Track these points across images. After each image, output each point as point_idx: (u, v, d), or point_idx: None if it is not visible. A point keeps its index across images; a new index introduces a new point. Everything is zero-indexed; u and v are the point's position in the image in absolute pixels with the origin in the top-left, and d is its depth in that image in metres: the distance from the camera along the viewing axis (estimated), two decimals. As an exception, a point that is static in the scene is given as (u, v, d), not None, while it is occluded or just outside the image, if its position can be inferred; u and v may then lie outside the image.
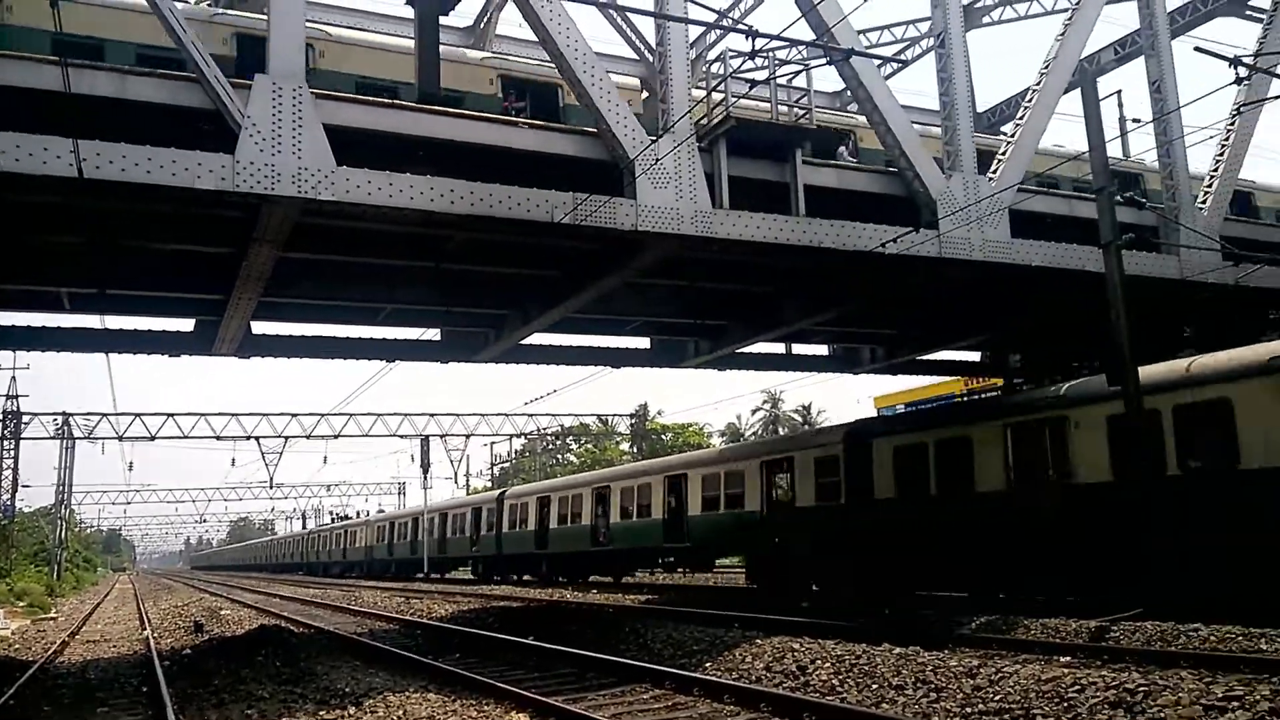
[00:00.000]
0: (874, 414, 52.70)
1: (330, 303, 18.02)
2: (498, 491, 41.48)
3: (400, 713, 9.91)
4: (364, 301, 18.14)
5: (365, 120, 12.87)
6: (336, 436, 50.98)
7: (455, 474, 61.76)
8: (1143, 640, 11.87)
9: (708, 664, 12.22)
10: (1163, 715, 7.52)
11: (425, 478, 52.54)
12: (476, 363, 21.74)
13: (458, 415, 54.30)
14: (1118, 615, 13.40)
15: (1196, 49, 12.82)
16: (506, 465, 79.92)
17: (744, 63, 14.22)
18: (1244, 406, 13.96)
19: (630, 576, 34.65)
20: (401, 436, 53.11)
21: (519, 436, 59.79)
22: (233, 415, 49.82)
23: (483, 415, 54.86)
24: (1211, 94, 15.83)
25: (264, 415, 50.61)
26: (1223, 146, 18.84)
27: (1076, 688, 8.48)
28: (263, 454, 53.40)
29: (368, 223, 13.62)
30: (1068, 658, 11.28)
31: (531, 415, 54.91)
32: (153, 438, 48.29)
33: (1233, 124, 18.74)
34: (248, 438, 50.38)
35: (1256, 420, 13.76)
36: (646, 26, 23.00)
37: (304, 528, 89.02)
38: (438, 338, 20.94)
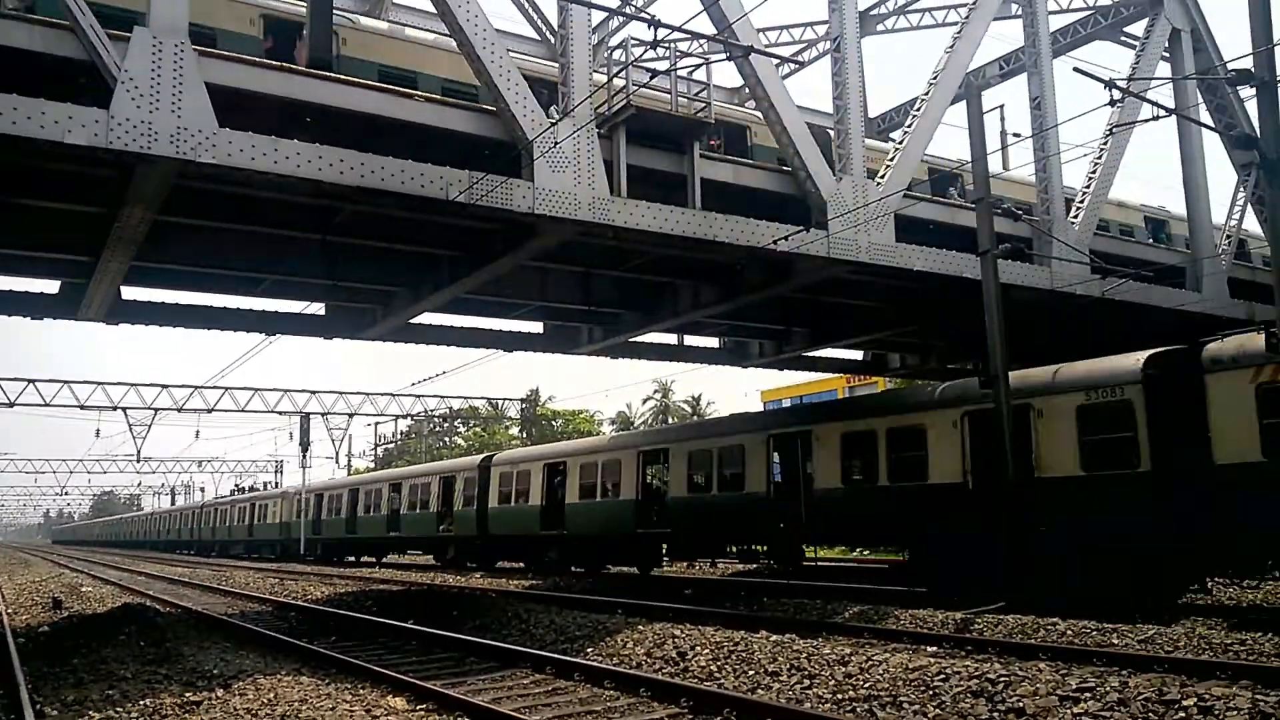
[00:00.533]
0: (760, 407, 53.83)
1: (208, 270, 17.23)
2: (479, 456, 35.17)
3: (271, 695, 9.64)
4: (244, 270, 17.42)
5: (252, 82, 12.35)
6: (210, 410, 48.86)
7: (336, 454, 60.26)
8: (1005, 632, 12.45)
9: (590, 649, 12.29)
10: (1020, 704, 7.91)
11: (304, 456, 51.07)
12: (362, 340, 21.21)
13: (341, 393, 52.85)
14: (981, 608, 14.05)
15: (1075, 69, 13.44)
16: (391, 446, 78.43)
17: (645, 52, 14.24)
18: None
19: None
20: (280, 413, 51.30)
21: (405, 418, 58.60)
22: (99, 384, 47.23)
23: (367, 394, 53.48)
24: (1087, 114, 16.68)
25: (132, 385, 48.19)
26: (1095, 165, 19.86)
27: (941, 676, 8.85)
28: (130, 426, 50.87)
29: (251, 189, 13.09)
30: (934, 648, 11.76)
31: (419, 396, 53.74)
32: (11, 404, 45.39)
33: (1105, 144, 19.77)
34: (114, 408, 47.82)
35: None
36: (549, 8, 22.86)
37: (203, 499, 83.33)
38: (322, 312, 20.32)
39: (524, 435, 61.36)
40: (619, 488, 25.70)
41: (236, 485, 76.94)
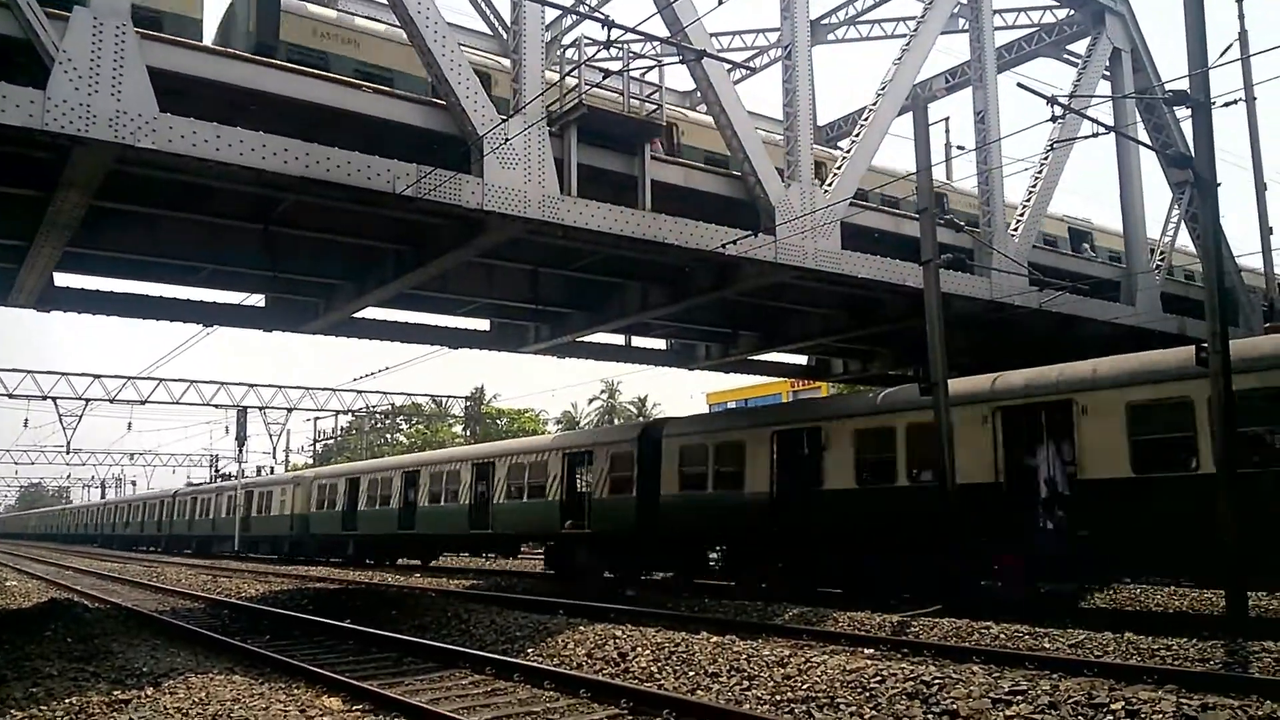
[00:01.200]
0: (706, 409, 54.07)
1: (144, 258, 16.78)
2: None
3: (202, 694, 9.43)
4: (182, 259, 17.01)
5: (195, 67, 12.07)
6: (144, 402, 47.64)
7: (274, 449, 59.12)
8: (940, 635, 12.65)
9: (530, 650, 12.23)
10: (954, 707, 8.05)
11: (240, 451, 50.07)
12: (304, 333, 20.87)
13: (280, 387, 51.96)
14: (918, 611, 14.27)
15: (1019, 85, 13.71)
16: (331, 442, 77.21)
17: (598, 52, 14.22)
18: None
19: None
20: (217, 406, 50.27)
21: (346, 414, 57.68)
22: (28, 372, 45.79)
23: (307, 389, 52.64)
24: (1029, 129, 17.03)
25: (63, 374, 46.79)
26: (1036, 179, 20.30)
27: (878, 679, 8.97)
28: (60, 416, 49.38)
29: (192, 176, 12.80)
30: (871, 650, 11.90)
31: (360, 392, 53.09)
32: (-65, 392, 43.85)
33: (1046, 159, 20.23)
34: (44, 398, 46.39)
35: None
36: (503, 4, 22.73)
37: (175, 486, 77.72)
38: (262, 304, 19.94)
39: (468, 434, 60.83)
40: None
41: (218, 472, 72.28)
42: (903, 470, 17.19)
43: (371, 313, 20.62)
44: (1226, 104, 16.25)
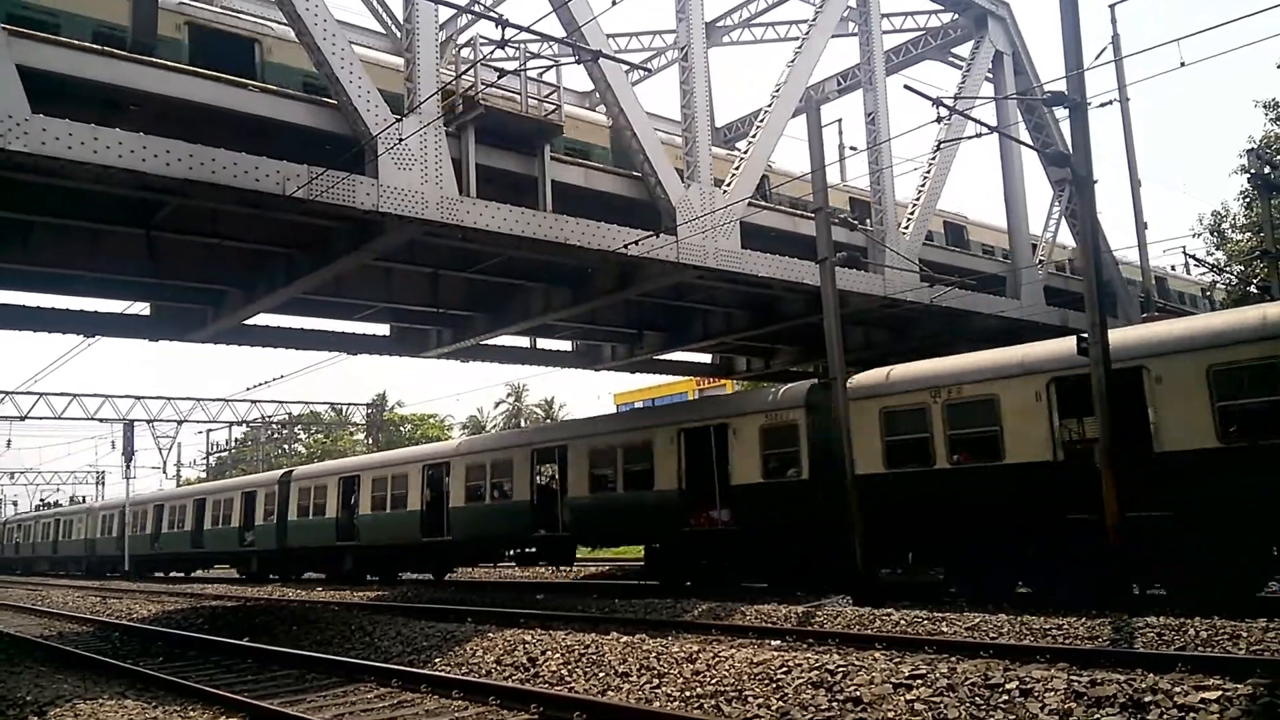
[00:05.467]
0: (614, 409, 54.14)
1: (17, 266, 15.92)
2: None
3: (90, 721, 8.97)
4: (59, 268, 16.20)
5: (69, 66, 11.52)
6: (23, 418, 45.16)
7: (164, 463, 56.80)
8: (844, 624, 12.91)
9: (437, 659, 12.02)
10: (857, 693, 8.21)
11: (128, 467, 47.91)
12: (192, 342, 20.10)
13: (168, 399, 49.89)
14: (822, 601, 14.55)
15: (906, 87, 14.11)
16: (225, 455, 74.58)
17: (494, 51, 14.09)
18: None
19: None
20: (101, 420, 47.96)
21: (240, 424, 55.80)
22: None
23: (198, 400, 50.69)
24: (917, 129, 17.55)
25: (-69, 392, 43.97)
26: (924, 178, 20.96)
27: (784, 669, 9.09)
28: (-71, 435, 46.44)
29: (67, 180, 12.17)
30: (778, 642, 12.06)
31: (255, 402, 51.31)
32: None
33: (933, 158, 20.90)
34: (-92, 418, 43.59)
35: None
36: (395, 3, 22.29)
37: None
38: (146, 312, 19.12)
39: (370, 441, 59.53)
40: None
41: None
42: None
43: (265, 319, 20.02)
44: (1102, 105, 17.09)
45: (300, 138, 13.32)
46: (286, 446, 74.48)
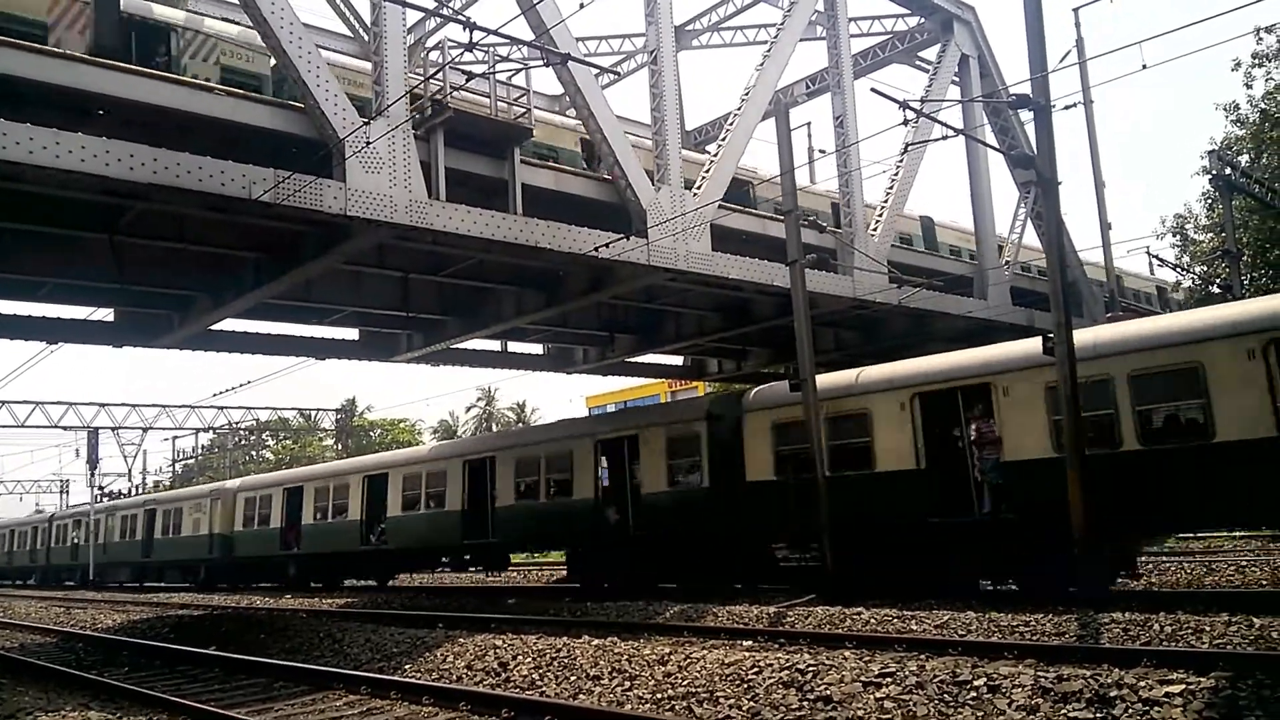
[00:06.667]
0: (585, 412, 54.07)
1: (-23, 273, 15.68)
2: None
3: (52, 736, 8.82)
4: (22, 273, 15.95)
5: (27, 69, 11.34)
6: (-15, 427, 44.41)
7: (130, 471, 55.95)
8: (815, 624, 12.95)
9: (407, 665, 11.94)
10: (828, 692, 8.26)
11: (92, 475, 47.22)
12: (158, 348, 19.85)
13: (134, 406, 49.19)
14: (794, 601, 14.61)
15: (873, 90, 14.22)
16: (191, 462, 73.70)
17: (462, 54, 14.05)
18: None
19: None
20: (65, 428, 47.23)
21: (206, 431, 55.11)
22: None
23: (164, 407, 50.03)
24: (884, 132, 17.73)
25: (-111, 402, 43.12)
26: (892, 180, 21.12)
27: (755, 670, 9.12)
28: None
29: (30, 185, 11.98)
30: (749, 642, 12.09)
31: (222, 408, 50.80)
32: None
33: (901, 161, 21.07)
34: None
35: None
36: (363, 6, 22.15)
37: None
38: (111, 318, 18.85)
39: (339, 447, 59.02)
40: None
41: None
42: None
43: (232, 324, 19.79)
44: (1066, 107, 17.30)
45: (272, 142, 13.20)
46: (254, 453, 73.73)
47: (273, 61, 13.81)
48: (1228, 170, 23.19)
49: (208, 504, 33.45)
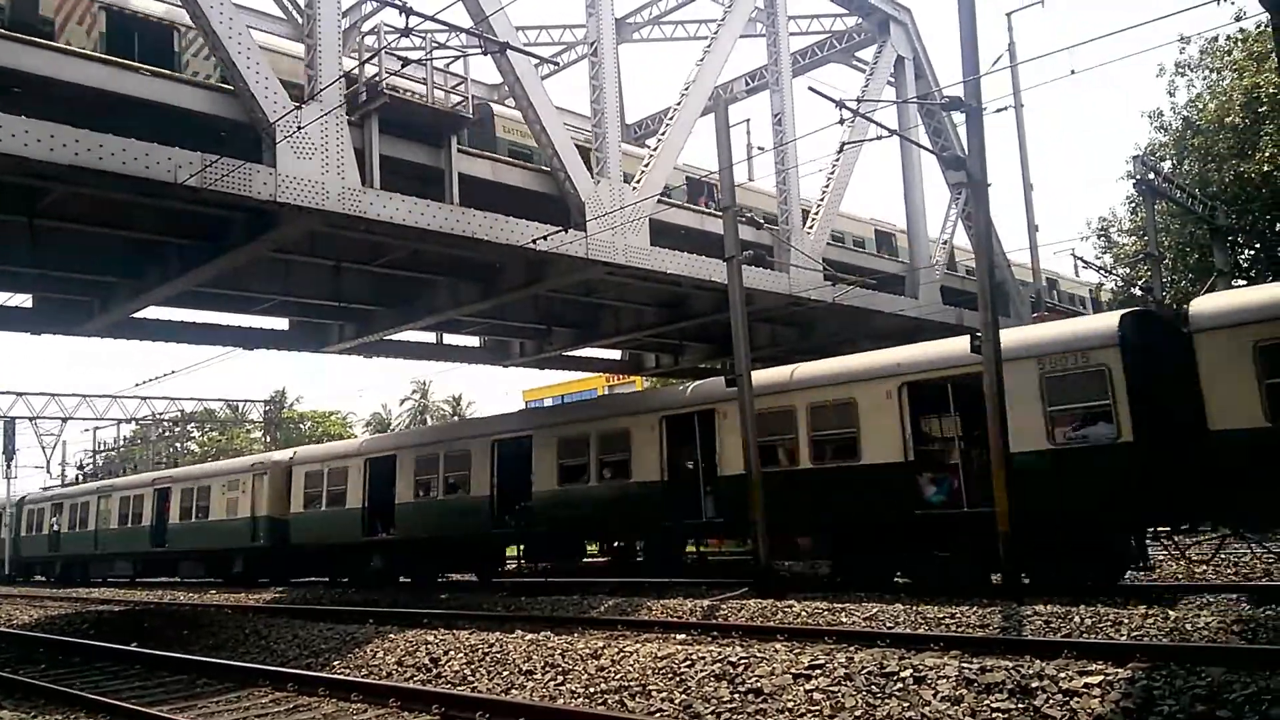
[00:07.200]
0: (523, 406, 53.73)
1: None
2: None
3: (-43, 738, 8.48)
4: (-69, 258, 15.30)
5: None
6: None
7: (48, 462, 54.00)
8: (747, 617, 13.08)
9: (336, 662, 11.75)
10: (759, 685, 8.33)
11: (9, 466, 45.55)
12: (78, 336, 19.20)
13: (53, 395, 47.52)
14: (727, 595, 14.71)
15: (810, 89, 14.34)
16: (113, 453, 71.45)
17: (398, 39, 13.81)
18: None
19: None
20: (-21, 418, 45.47)
21: (129, 422, 53.41)
22: None
23: (84, 396, 48.42)
24: (821, 130, 17.90)
25: None
26: (829, 179, 21.35)
27: (688, 663, 9.16)
28: None
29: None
30: (683, 635, 12.16)
31: (145, 398, 49.21)
32: None
33: (837, 159, 21.29)
34: None
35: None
36: (299, -13, 21.63)
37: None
38: (29, 305, 18.16)
39: (267, 439, 57.77)
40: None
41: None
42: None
43: (157, 312, 19.22)
44: (998, 110, 17.65)
45: (209, 127, 12.82)
46: (178, 445, 71.80)
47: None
48: (1151, 175, 23.88)
49: (249, 481, 27.78)
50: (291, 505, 25.89)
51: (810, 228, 20.66)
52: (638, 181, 17.17)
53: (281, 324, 21.92)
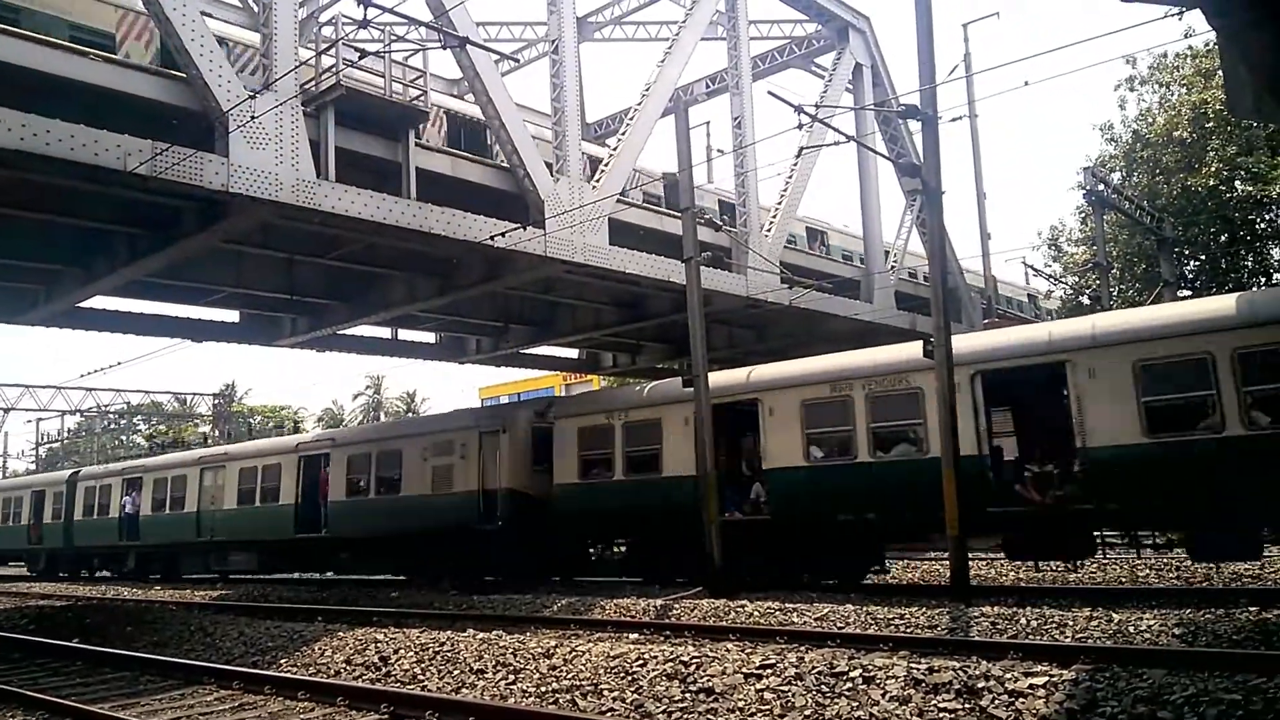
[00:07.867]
0: (479, 403, 53.41)
1: None
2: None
3: (-115, 739, 8.23)
4: None
5: None
6: None
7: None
8: (700, 616, 13.12)
9: (283, 660, 11.59)
10: (710, 684, 8.36)
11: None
12: (21, 325, 18.74)
13: (-7, 385, 46.28)
14: (680, 594, 14.74)
15: (769, 93, 14.42)
16: (57, 445, 69.75)
17: (357, 31, 13.65)
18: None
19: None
20: (-84, 408, 44.12)
21: (73, 413, 52.20)
22: None
23: (27, 387, 47.24)
24: (779, 135, 18.00)
25: None
26: (786, 183, 21.49)
27: (640, 662, 9.17)
28: None
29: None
30: (636, 635, 12.16)
31: (91, 390, 48.10)
32: None
33: (795, 164, 21.44)
34: None
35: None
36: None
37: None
38: (-31, 293, 17.70)
39: (216, 433, 56.77)
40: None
41: None
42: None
43: (104, 302, 18.83)
44: (954, 119, 17.91)
45: (158, 114, 12.55)
46: (125, 438, 70.29)
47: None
48: (1101, 186, 24.39)
49: (293, 463, 24.48)
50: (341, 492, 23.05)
51: (768, 230, 20.79)
52: (597, 180, 17.15)
53: (232, 316, 21.57)
